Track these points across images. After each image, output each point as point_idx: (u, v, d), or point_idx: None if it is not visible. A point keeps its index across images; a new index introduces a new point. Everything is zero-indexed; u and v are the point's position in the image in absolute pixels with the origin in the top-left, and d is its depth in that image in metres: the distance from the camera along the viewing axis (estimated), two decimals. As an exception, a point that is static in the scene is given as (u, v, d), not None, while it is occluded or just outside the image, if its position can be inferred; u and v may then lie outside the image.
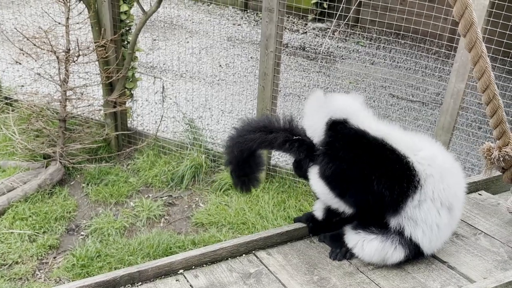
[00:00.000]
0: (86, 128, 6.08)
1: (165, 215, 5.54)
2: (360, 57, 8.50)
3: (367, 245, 2.03)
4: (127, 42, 5.86)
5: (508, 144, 2.00)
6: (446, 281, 1.99)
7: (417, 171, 1.99)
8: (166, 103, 6.66)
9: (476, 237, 2.23)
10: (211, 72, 7.86)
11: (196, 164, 5.89)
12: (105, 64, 5.79)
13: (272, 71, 5.42)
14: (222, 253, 2.06)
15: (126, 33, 5.85)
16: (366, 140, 2.03)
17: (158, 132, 6.24)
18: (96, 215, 5.47)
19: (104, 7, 5.56)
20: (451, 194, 2.06)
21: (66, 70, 5.63)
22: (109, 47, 5.67)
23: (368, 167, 1.99)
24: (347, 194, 2.06)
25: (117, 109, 5.98)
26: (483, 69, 1.82)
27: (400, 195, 1.98)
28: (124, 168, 6.07)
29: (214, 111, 7.03)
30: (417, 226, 2.00)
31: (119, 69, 5.78)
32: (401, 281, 1.99)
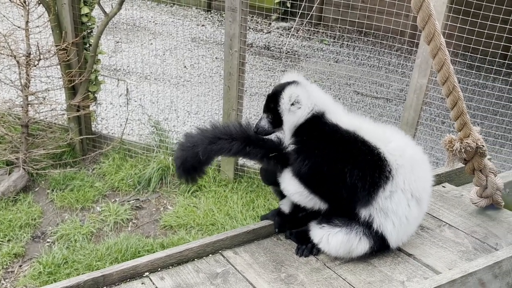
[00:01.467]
0: (49, 133, 5.97)
1: (132, 219, 5.47)
2: (324, 56, 8.55)
3: (332, 238, 2.03)
4: (89, 45, 5.77)
5: (469, 135, 2.02)
6: (412, 273, 2.00)
7: (388, 161, 2.01)
8: (131, 106, 6.59)
9: (441, 229, 2.26)
10: (176, 74, 7.81)
11: (163, 166, 5.84)
12: (67, 68, 5.69)
13: (237, 70, 5.41)
14: (188, 254, 2.03)
15: (88, 35, 5.76)
16: (339, 135, 2.03)
17: (124, 135, 6.17)
18: (62, 221, 5.37)
19: (64, 10, 5.47)
20: (421, 186, 2.09)
21: (27, 74, 5.52)
22: (70, 50, 5.57)
23: (341, 161, 2.00)
24: (322, 189, 2.06)
25: (81, 113, 5.89)
26: (442, 61, 1.83)
27: (372, 185, 1.99)
28: (89, 172, 5.98)
29: (180, 112, 6.98)
30: (387, 218, 2.01)
31: (81, 72, 5.69)
32: (368, 275, 2.00)
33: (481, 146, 2.02)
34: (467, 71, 6.36)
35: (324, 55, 8.56)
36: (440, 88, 6.38)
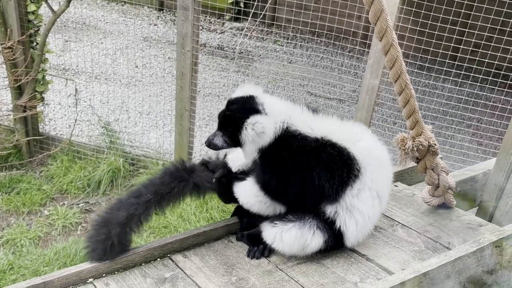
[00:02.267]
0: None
1: (82, 222, 5.31)
2: (278, 56, 8.54)
3: (286, 235, 1.97)
4: (36, 44, 5.58)
5: (421, 134, 2.01)
6: (366, 274, 1.97)
7: (357, 160, 1.98)
8: (80, 106, 6.41)
9: (394, 229, 2.24)
10: (127, 73, 7.65)
11: (114, 168, 5.69)
12: (12, 67, 5.48)
13: (189, 70, 5.32)
14: (135, 259, 1.95)
15: (35, 34, 5.56)
16: (308, 145, 1.96)
17: (72, 137, 6.00)
18: (7, 226, 5.17)
19: (9, 7, 5.27)
20: (385, 185, 2.08)
21: (-30, 73, 5.30)
22: (16, 48, 5.38)
23: (310, 167, 1.95)
24: (288, 196, 2.01)
25: (27, 114, 5.68)
26: (394, 58, 1.81)
27: (340, 184, 1.96)
28: (36, 175, 5.78)
29: (131, 113, 6.83)
30: (352, 216, 1.99)
31: (28, 71, 5.50)
32: (320, 276, 1.95)
33: (433, 145, 2.01)
34: (418, 72, 6.44)
35: (277, 56, 8.56)
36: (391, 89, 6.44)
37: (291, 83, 7.68)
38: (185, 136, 5.60)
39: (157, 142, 6.34)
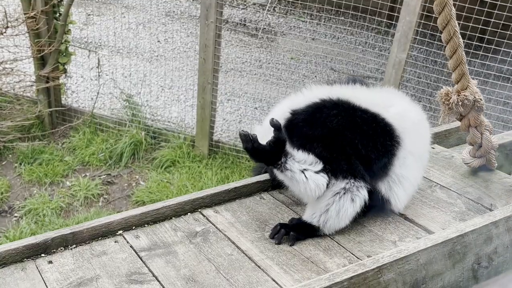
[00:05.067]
0: (17, 105, 5.74)
1: (103, 194, 5.30)
2: (301, 33, 8.42)
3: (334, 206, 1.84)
4: (59, 14, 5.53)
5: (467, 87, 1.91)
6: (404, 233, 1.89)
7: (394, 126, 1.88)
8: (102, 79, 6.38)
9: (432, 189, 2.15)
10: (149, 48, 7.60)
11: (136, 141, 5.67)
12: (36, 37, 5.45)
13: (213, 42, 5.25)
14: (166, 212, 1.89)
15: (58, 4, 5.52)
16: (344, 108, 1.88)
17: (95, 109, 5.97)
18: (30, 196, 5.17)
19: (35, -24, 5.23)
20: (424, 147, 2.02)
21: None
22: (39, 18, 5.34)
23: (348, 133, 1.84)
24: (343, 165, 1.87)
25: (50, 85, 5.66)
26: (444, 2, 1.71)
27: (385, 154, 1.86)
28: (59, 146, 5.77)
29: (153, 87, 6.79)
30: (401, 185, 1.90)
31: (51, 42, 5.46)
32: (357, 234, 1.88)
33: (478, 100, 1.91)
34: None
35: (300, 33, 8.43)
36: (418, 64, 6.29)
37: (314, 60, 7.57)
38: (207, 110, 5.54)
39: (178, 116, 6.29)
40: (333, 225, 1.85)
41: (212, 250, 1.77)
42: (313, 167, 1.76)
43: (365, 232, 1.90)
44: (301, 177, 1.75)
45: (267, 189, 2.11)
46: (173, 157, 5.58)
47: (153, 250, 1.74)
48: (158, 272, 1.65)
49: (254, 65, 7.54)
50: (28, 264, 1.65)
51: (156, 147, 5.76)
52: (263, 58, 7.68)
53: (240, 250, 1.77)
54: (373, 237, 1.87)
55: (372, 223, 1.94)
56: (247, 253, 1.76)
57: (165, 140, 5.77)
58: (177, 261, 1.70)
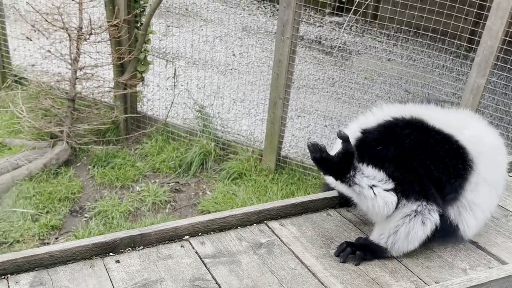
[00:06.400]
0: (94, 109, 5.95)
1: (171, 201, 5.40)
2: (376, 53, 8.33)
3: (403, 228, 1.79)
4: (141, 24, 5.72)
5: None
6: (476, 262, 1.82)
7: (467, 149, 1.82)
8: (177, 89, 6.53)
9: (508, 219, 2.07)
10: (224, 61, 7.72)
11: (205, 151, 5.75)
12: (117, 45, 5.65)
13: (287, 58, 5.27)
14: (232, 221, 1.91)
15: (140, 14, 5.71)
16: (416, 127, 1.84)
17: (168, 118, 6.11)
18: (101, 198, 5.33)
19: (115, -13, 5.43)
20: (500, 174, 1.94)
21: (77, 49, 5.51)
22: (122, 27, 5.54)
23: (421, 154, 1.80)
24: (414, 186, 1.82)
25: (127, 92, 5.84)
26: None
27: (457, 177, 1.81)
28: (131, 152, 5.93)
29: (225, 99, 6.88)
30: (472, 212, 1.83)
31: (131, 50, 5.65)
32: (426, 259, 1.83)
33: None
34: None
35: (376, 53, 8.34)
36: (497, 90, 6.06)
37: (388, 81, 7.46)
38: (277, 125, 5.55)
39: (248, 129, 6.34)
40: (401, 247, 1.80)
41: (276, 262, 1.76)
42: (382, 184, 1.73)
43: (434, 257, 1.84)
44: (370, 193, 1.71)
45: (335, 206, 2.09)
46: (240, 169, 5.62)
47: (217, 258, 1.75)
48: (221, 280, 1.66)
49: (326, 83, 7.52)
50: (96, 261, 1.70)
51: (225, 159, 5.82)
52: (336, 76, 7.64)
53: (304, 265, 1.75)
54: (443, 263, 1.81)
55: (442, 249, 1.88)
56: (311, 269, 1.74)
57: (233, 152, 5.83)
58: (241, 271, 1.71)
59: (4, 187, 5.18)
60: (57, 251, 1.65)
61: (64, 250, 1.65)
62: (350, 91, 7.09)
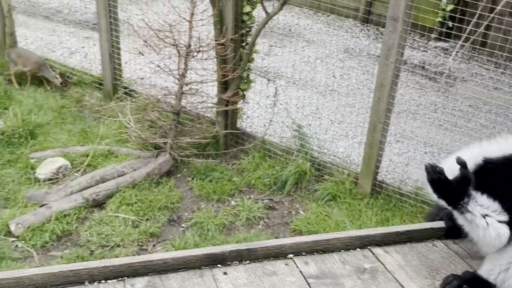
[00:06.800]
0: (197, 123, 6.17)
1: (264, 217, 5.47)
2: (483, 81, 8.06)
3: None
4: (246, 43, 5.88)
5: None
6: None
7: None
8: (276, 108, 6.63)
9: None
10: (324, 82, 7.76)
11: (300, 170, 5.79)
12: (222, 63, 5.84)
13: (389, 82, 5.23)
14: (336, 244, 1.93)
15: (246, 34, 5.87)
16: None
17: (266, 136, 6.21)
18: (198, 209, 5.50)
19: (227, 6, 5.62)
20: None
21: (185, 65, 5.75)
22: (228, 46, 5.72)
23: None
24: None
25: (229, 108, 6.02)
26: None
27: None
28: (229, 166, 6.08)
29: (323, 120, 6.91)
30: None
31: (235, 68, 5.81)
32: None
33: None
34: None
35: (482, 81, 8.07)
36: None
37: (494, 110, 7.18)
38: (375, 149, 5.50)
39: (345, 151, 6.32)
40: None
41: (379, 289, 1.76)
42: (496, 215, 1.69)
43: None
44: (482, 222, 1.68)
45: (440, 237, 2.06)
46: (335, 191, 5.60)
47: (321, 279, 1.78)
48: (325, 301, 1.69)
49: (428, 109, 7.36)
50: (205, 272, 1.78)
51: (319, 179, 5.83)
52: (439, 103, 7.46)
53: (408, 294, 1.74)
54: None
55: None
56: (415, 299, 1.73)
57: (329, 173, 5.83)
58: (344, 294, 1.72)
59: (109, 193, 5.47)
60: (170, 258, 1.74)
61: (177, 258, 1.74)
62: (453, 119, 6.90)
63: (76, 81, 7.28)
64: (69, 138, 6.24)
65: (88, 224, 5.22)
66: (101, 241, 5.03)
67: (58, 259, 4.91)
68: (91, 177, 5.61)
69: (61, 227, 5.10)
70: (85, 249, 4.97)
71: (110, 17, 6.61)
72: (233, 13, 5.66)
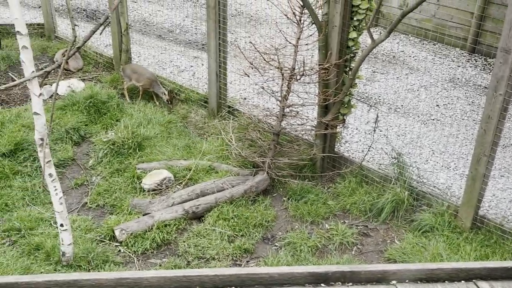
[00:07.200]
0: (295, 145, 6.27)
1: (358, 244, 5.46)
2: None
3: None
4: (350, 69, 5.92)
5: None
6: None
7: None
8: (376, 135, 6.60)
9: None
10: (426, 111, 7.63)
11: (398, 199, 5.71)
12: (324, 87, 5.91)
13: (497, 115, 5.07)
14: (440, 274, 1.93)
15: (351, 59, 5.91)
16: None
17: (364, 161, 6.19)
18: (291, 230, 5.57)
19: (334, 32, 5.70)
20: None
21: (288, 87, 5.88)
22: (331, 70, 5.78)
23: None
24: None
25: (328, 132, 6.07)
26: None
27: None
28: (324, 190, 6.12)
29: (424, 149, 6.79)
30: None
31: (336, 93, 5.86)
32: None
33: None
34: None
35: None
36: None
37: None
38: (478, 182, 5.34)
39: (445, 183, 6.18)
40: None
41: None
42: None
43: None
44: None
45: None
46: (433, 223, 5.48)
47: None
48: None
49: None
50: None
51: (417, 210, 5.73)
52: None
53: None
54: None
55: None
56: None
57: (427, 204, 5.71)
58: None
59: (208, 207, 5.67)
60: (275, 273, 1.82)
61: (282, 274, 1.81)
62: None
63: (183, 98, 7.63)
64: (174, 152, 6.54)
65: (187, 235, 5.43)
66: (197, 253, 5.22)
67: (157, 266, 5.14)
68: (192, 190, 5.85)
69: (161, 236, 5.35)
70: (183, 259, 5.18)
71: (219, 39, 6.89)
72: (338, 39, 5.73)
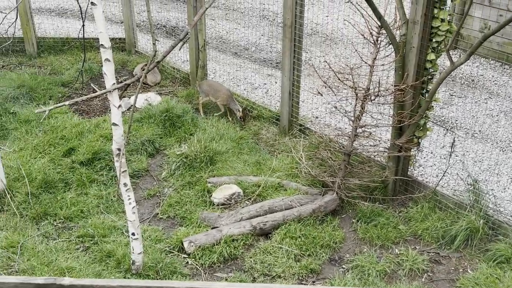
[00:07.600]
0: (367, 166, 6.18)
1: (428, 271, 5.30)
2: None
3: None
4: (426, 91, 5.79)
5: None
6: None
7: None
8: (451, 160, 6.40)
9: None
10: (506, 137, 7.34)
11: (472, 227, 5.51)
12: (399, 108, 5.81)
13: None
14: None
15: (428, 81, 5.79)
16: None
17: (438, 187, 6.01)
18: (360, 252, 5.48)
19: (411, 53, 5.61)
20: None
21: (362, 108, 5.82)
22: (407, 92, 5.68)
23: None
24: None
25: (402, 154, 5.94)
26: None
27: None
28: (395, 213, 5.99)
29: (502, 177, 6.53)
30: None
31: (412, 115, 5.75)
32: None
33: None
34: None
35: None
36: None
37: None
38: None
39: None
40: None
41: None
42: None
43: None
44: None
45: None
46: (509, 254, 5.24)
47: None
48: None
49: None
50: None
51: (492, 239, 5.50)
52: None
53: None
54: None
55: None
56: None
57: (503, 234, 5.47)
58: None
59: (275, 224, 5.68)
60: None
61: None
62: None
63: (255, 115, 7.71)
64: (244, 168, 6.60)
65: (253, 251, 5.45)
66: (263, 270, 5.22)
67: (223, 281, 5.18)
68: (261, 206, 5.87)
69: (228, 250, 5.39)
70: (248, 275, 5.19)
71: (294, 57, 6.92)
72: (416, 60, 5.62)
